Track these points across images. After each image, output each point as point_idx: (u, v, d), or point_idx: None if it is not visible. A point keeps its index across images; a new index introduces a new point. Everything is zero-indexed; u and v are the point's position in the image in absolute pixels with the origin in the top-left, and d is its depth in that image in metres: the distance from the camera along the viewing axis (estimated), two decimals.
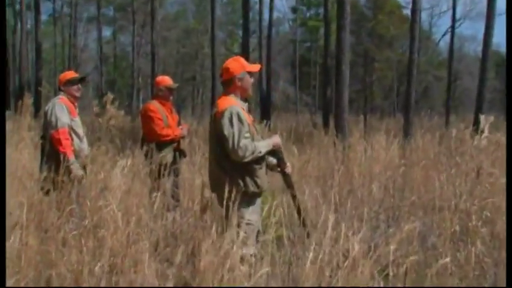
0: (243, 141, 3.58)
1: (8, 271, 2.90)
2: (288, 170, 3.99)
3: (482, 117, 4.87)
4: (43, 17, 29.36)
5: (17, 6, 28.10)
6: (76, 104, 5.13)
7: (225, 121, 3.63)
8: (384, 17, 31.52)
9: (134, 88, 35.27)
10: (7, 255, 2.96)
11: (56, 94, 5.27)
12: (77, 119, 5.02)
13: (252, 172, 3.68)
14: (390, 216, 5.51)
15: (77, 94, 5.09)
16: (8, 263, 2.91)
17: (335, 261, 3.13)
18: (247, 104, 3.96)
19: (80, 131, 5.00)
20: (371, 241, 4.05)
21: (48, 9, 38.24)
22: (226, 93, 3.86)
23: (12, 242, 3.06)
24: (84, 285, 3.06)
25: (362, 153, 7.80)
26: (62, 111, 4.84)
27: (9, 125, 8.44)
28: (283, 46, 45.54)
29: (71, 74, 5.24)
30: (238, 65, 3.86)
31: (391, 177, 6.74)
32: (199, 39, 39.85)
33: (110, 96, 4.55)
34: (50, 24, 38.78)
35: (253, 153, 3.61)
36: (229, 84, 3.85)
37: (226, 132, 3.60)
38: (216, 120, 3.71)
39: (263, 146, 3.72)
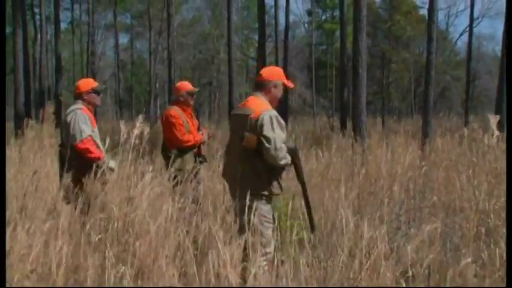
0: (282, 145, 3.72)
1: (37, 276, 2.97)
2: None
3: (490, 117, 4.89)
4: (62, 25, 29.79)
5: (37, 17, 28.55)
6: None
7: (266, 123, 3.74)
8: (401, 18, 31.33)
9: (152, 94, 35.51)
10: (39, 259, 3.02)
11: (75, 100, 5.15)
12: (96, 129, 4.97)
13: (278, 175, 3.81)
14: (411, 218, 5.49)
15: (99, 103, 5.09)
16: (38, 267, 2.97)
17: (356, 263, 3.14)
18: None
19: (99, 141, 4.95)
20: (392, 243, 4.05)
21: (67, 17, 38.79)
22: (257, 95, 3.94)
23: (40, 248, 3.13)
24: None
25: (381, 155, 7.78)
26: (85, 122, 4.78)
27: (32, 133, 8.58)
28: (299, 49, 45.48)
29: (92, 83, 5.14)
30: (278, 73, 4.06)
31: (411, 179, 6.71)
32: (215, 44, 39.99)
33: (140, 118, 4.49)
34: (69, 33, 39.26)
35: (285, 158, 3.76)
36: (263, 86, 3.98)
37: (267, 134, 3.71)
38: (250, 122, 3.77)
39: (288, 158, 3.83)
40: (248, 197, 3.60)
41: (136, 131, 4.44)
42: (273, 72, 4.04)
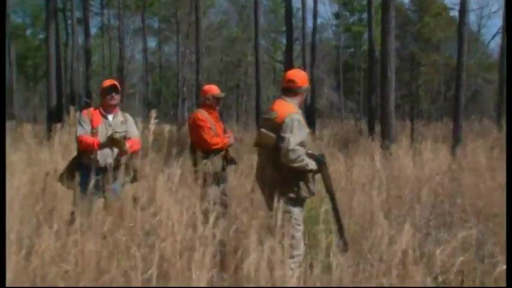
0: (297, 146, 3.69)
1: (66, 275, 3.00)
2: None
3: None
4: (92, 30, 30.31)
5: (69, 21, 29.10)
6: (112, 113, 5.07)
7: (286, 125, 3.78)
8: (431, 20, 30.87)
9: (180, 97, 35.80)
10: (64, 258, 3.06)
11: None
12: (100, 128, 4.96)
13: (306, 177, 3.79)
14: (441, 223, 5.39)
15: (112, 102, 5.06)
16: (67, 266, 3.01)
17: (386, 268, 3.09)
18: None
19: (101, 138, 4.93)
20: (422, 248, 3.98)
21: (98, 22, 39.43)
22: (285, 98, 3.97)
23: (70, 247, 3.16)
24: None
25: (410, 159, 7.68)
26: (81, 123, 4.93)
27: (63, 136, 8.73)
28: (327, 52, 45.30)
29: (104, 83, 5.22)
30: (305, 78, 4.12)
31: (441, 183, 6.60)
32: (242, 47, 40.11)
33: (153, 113, 4.55)
34: (99, 38, 39.92)
35: (302, 161, 3.73)
36: (293, 92, 4.02)
37: (284, 135, 3.75)
38: (275, 125, 3.80)
39: (310, 163, 3.82)
40: (277, 199, 3.61)
41: (152, 127, 4.49)
42: (304, 78, 4.10)
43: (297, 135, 3.73)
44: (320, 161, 3.85)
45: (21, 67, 42.45)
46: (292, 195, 3.79)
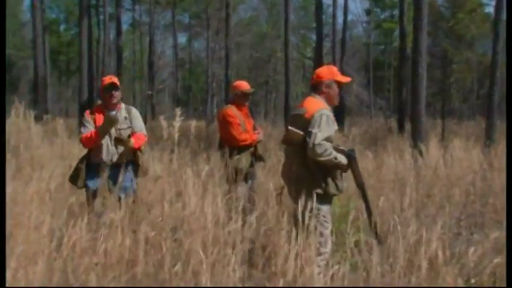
0: (323, 141, 3.69)
1: (96, 269, 3.05)
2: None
3: None
4: (123, 26, 30.63)
5: (101, 17, 29.51)
6: (114, 109, 4.93)
7: (315, 120, 3.77)
8: (465, 16, 30.25)
9: (209, 93, 35.99)
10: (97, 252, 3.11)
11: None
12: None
13: (334, 174, 3.76)
14: (472, 223, 5.29)
15: (113, 101, 4.94)
16: (98, 259, 3.06)
17: (415, 268, 3.05)
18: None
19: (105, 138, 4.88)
20: (452, 248, 3.91)
21: (128, 18, 39.93)
22: (314, 95, 3.98)
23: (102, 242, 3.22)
24: (166, 285, 3.15)
25: (441, 157, 7.56)
26: (84, 123, 4.92)
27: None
28: (357, 49, 44.95)
29: (105, 81, 5.03)
30: (328, 72, 4.04)
31: (472, 183, 6.48)
32: (272, 43, 40.07)
33: (178, 111, 4.52)
34: (130, 33, 40.42)
35: (329, 154, 3.71)
36: (316, 88, 4.04)
37: (311, 129, 3.75)
38: (304, 121, 3.80)
39: (339, 156, 3.79)
40: (304, 196, 3.62)
41: (177, 124, 4.49)
42: (323, 72, 4.04)
43: (324, 130, 3.71)
44: (350, 156, 3.82)
45: (55, 62, 43.30)
46: (319, 191, 3.77)
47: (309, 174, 3.80)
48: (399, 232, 3.65)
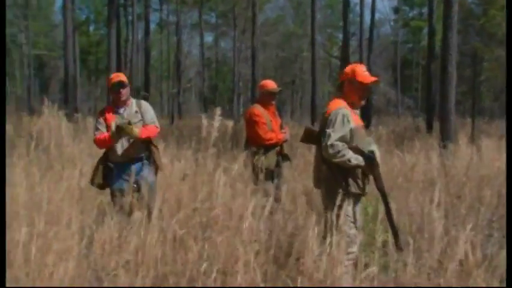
0: (336, 142, 3.66)
1: (127, 267, 3.09)
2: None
3: None
4: (151, 26, 30.93)
5: (129, 17, 29.88)
6: (124, 106, 4.91)
7: (330, 119, 3.76)
8: (497, 13, 29.62)
9: (235, 92, 36.09)
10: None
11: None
12: (114, 122, 4.79)
13: (354, 174, 3.73)
14: (504, 225, 5.18)
15: (122, 98, 4.89)
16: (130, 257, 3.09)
17: (445, 270, 3.00)
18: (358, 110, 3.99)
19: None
20: (484, 249, 3.84)
21: (156, 18, 40.31)
22: (338, 95, 3.96)
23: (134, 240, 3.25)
24: (196, 285, 3.17)
25: (471, 157, 7.42)
26: (96, 125, 4.91)
27: None
28: (384, 48, 44.49)
29: (112, 79, 4.93)
30: (350, 71, 3.97)
31: (504, 183, 6.34)
32: (298, 42, 39.97)
33: (218, 110, 4.48)
34: (157, 33, 40.81)
35: (342, 156, 3.67)
36: (339, 87, 4.02)
37: (326, 129, 3.74)
38: (324, 120, 3.82)
39: (354, 158, 3.71)
40: (330, 196, 3.64)
41: (216, 124, 4.49)
42: (346, 71, 3.99)
43: (338, 131, 3.68)
44: (370, 158, 3.75)
45: (84, 62, 44.02)
46: (342, 191, 3.74)
47: (331, 174, 3.79)
48: (428, 233, 3.60)
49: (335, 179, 3.78)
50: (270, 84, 5.75)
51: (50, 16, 48.26)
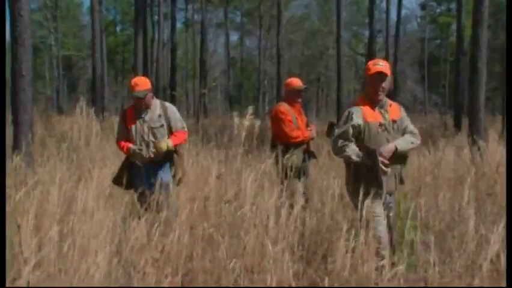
0: (336, 139, 3.83)
1: (157, 264, 3.13)
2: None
3: None
4: (177, 25, 31.15)
5: (155, 17, 30.12)
6: (146, 110, 4.90)
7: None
8: None
9: (260, 91, 36.10)
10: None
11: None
12: (134, 126, 4.87)
13: (360, 169, 3.75)
14: None
15: (142, 107, 4.89)
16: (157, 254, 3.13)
17: (477, 269, 2.96)
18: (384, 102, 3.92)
19: (136, 137, 4.87)
20: None
21: (181, 17, 40.56)
22: (362, 92, 4.01)
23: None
24: (223, 282, 3.18)
25: (501, 154, 7.28)
26: (118, 126, 5.06)
27: None
28: (411, 44, 43.93)
29: (133, 88, 4.89)
30: (366, 67, 4.03)
31: None
32: (323, 40, 39.78)
33: (250, 109, 4.47)
34: (183, 32, 41.10)
35: (342, 152, 3.82)
36: (364, 83, 4.03)
37: None
38: None
39: (355, 154, 3.79)
40: (352, 193, 3.76)
41: (247, 123, 4.50)
42: (365, 68, 4.04)
43: (340, 127, 3.84)
44: (372, 154, 3.76)
45: (111, 61, 44.60)
46: (363, 188, 3.72)
47: (347, 170, 3.91)
48: (458, 231, 3.55)
49: (348, 175, 3.86)
50: (296, 82, 5.73)
51: (78, 17, 49.06)
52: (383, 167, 3.71)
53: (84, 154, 7.47)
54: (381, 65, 3.89)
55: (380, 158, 3.71)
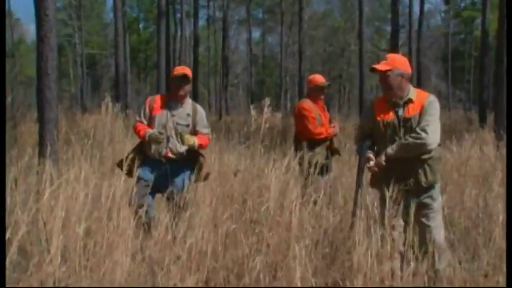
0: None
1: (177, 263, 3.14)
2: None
3: None
4: (199, 23, 31.28)
5: (177, 15, 30.29)
6: (178, 103, 4.67)
7: None
8: None
9: (282, 87, 36.05)
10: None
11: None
12: (159, 115, 4.61)
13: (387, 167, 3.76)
14: None
15: (181, 93, 4.64)
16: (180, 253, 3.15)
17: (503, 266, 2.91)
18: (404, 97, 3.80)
19: (158, 127, 4.58)
20: None
21: (204, 14, 40.75)
22: None
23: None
24: (245, 280, 3.19)
25: None
26: (142, 106, 4.78)
27: None
28: (434, 39, 43.39)
29: (176, 71, 4.73)
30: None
31: None
32: (345, 36, 39.54)
33: (267, 101, 4.39)
34: (205, 29, 41.25)
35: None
36: None
37: None
38: None
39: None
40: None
41: (265, 116, 4.44)
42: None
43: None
44: (359, 148, 3.80)
45: (134, 59, 45.00)
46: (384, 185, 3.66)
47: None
48: (484, 229, 3.50)
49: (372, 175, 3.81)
50: (319, 78, 5.72)
51: (102, 15, 49.62)
52: (370, 166, 3.65)
53: (108, 151, 7.56)
54: (378, 65, 3.72)
55: (371, 162, 3.64)
